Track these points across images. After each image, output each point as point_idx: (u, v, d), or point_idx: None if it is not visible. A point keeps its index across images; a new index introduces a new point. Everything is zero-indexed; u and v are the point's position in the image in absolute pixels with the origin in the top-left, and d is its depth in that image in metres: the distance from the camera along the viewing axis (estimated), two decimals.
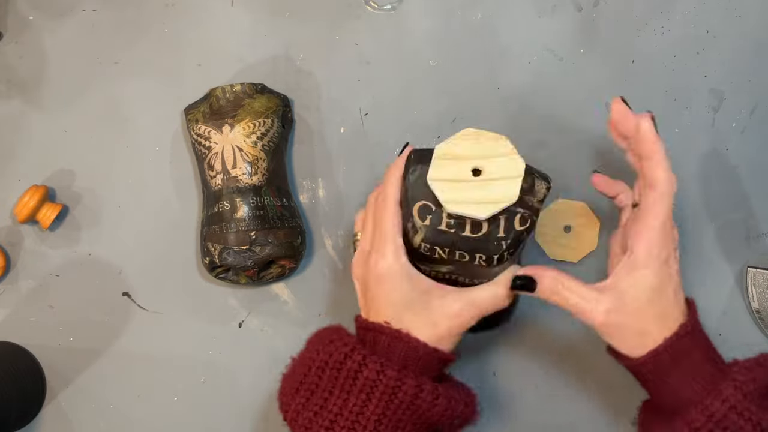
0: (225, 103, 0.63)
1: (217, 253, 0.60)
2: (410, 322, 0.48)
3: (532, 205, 0.49)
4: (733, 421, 0.43)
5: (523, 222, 0.49)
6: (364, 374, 0.45)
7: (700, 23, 0.68)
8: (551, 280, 0.48)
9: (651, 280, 0.47)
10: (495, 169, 0.49)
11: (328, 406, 0.46)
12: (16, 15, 0.69)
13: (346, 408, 0.45)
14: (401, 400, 0.45)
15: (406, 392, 0.45)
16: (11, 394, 0.59)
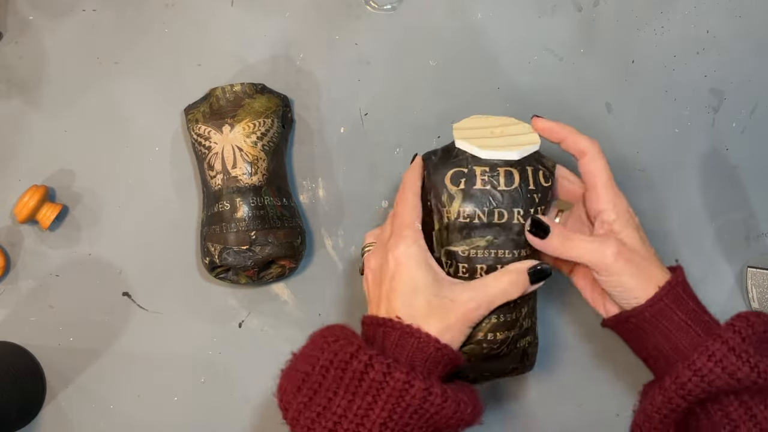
0: (225, 103, 0.63)
1: (217, 253, 0.60)
2: (421, 312, 0.47)
3: (548, 166, 0.52)
4: (732, 362, 0.44)
5: (546, 179, 0.51)
6: (371, 375, 0.44)
7: (700, 23, 0.68)
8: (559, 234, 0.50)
9: (625, 231, 0.50)
10: (510, 130, 0.52)
11: (331, 407, 0.44)
12: (16, 15, 0.69)
13: (351, 410, 0.44)
14: (408, 403, 0.44)
15: (414, 396, 0.44)
16: (11, 394, 0.59)
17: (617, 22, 0.68)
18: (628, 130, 0.67)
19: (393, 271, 0.49)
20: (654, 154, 0.66)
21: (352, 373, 0.44)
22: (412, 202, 0.51)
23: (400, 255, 0.49)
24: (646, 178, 0.66)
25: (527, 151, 0.51)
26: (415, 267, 0.48)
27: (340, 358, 0.45)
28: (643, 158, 0.66)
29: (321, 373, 0.45)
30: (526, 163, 0.51)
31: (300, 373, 0.47)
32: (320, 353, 0.46)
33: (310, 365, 0.46)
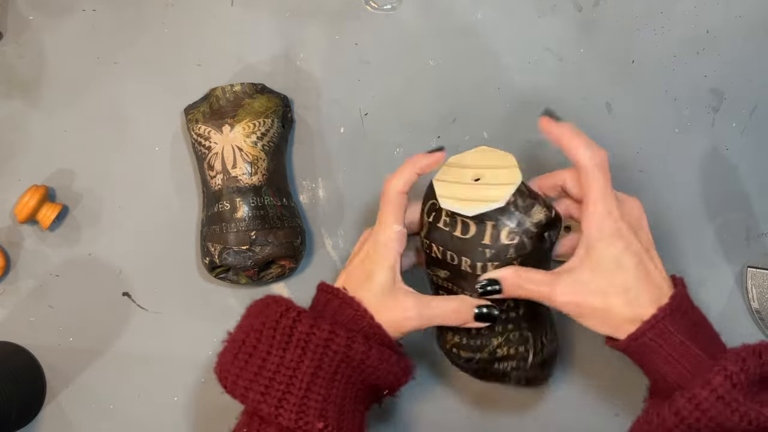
0: (225, 103, 0.63)
1: (217, 253, 0.60)
2: (368, 300, 0.50)
3: (524, 225, 0.49)
4: (720, 411, 0.43)
5: (511, 237, 0.49)
6: (299, 329, 0.47)
7: (700, 23, 0.68)
8: (513, 274, 0.50)
9: (605, 255, 0.47)
10: (493, 177, 0.51)
11: (266, 366, 0.47)
12: (16, 15, 0.69)
13: (283, 364, 0.46)
14: (335, 351, 0.46)
15: (339, 344, 0.46)
16: (11, 394, 0.59)
17: (617, 22, 0.68)
18: (628, 130, 0.67)
19: (362, 256, 0.52)
20: (654, 154, 0.66)
21: (282, 330, 0.47)
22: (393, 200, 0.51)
23: (371, 247, 0.51)
24: (646, 179, 0.66)
25: (484, 209, 0.49)
26: (378, 263, 0.50)
27: (271, 319, 0.48)
28: (643, 158, 0.66)
29: (255, 336, 0.48)
30: (486, 217, 0.50)
31: (236, 343, 0.49)
32: (254, 319, 0.49)
33: (245, 333, 0.49)
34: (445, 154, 0.52)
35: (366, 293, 0.50)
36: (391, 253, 0.51)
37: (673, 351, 0.46)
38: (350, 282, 0.51)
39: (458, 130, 0.67)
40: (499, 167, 0.52)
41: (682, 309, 0.48)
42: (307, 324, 0.47)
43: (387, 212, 0.51)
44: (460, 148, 0.66)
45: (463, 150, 0.66)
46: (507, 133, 0.67)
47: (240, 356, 0.48)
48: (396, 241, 0.51)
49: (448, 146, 0.66)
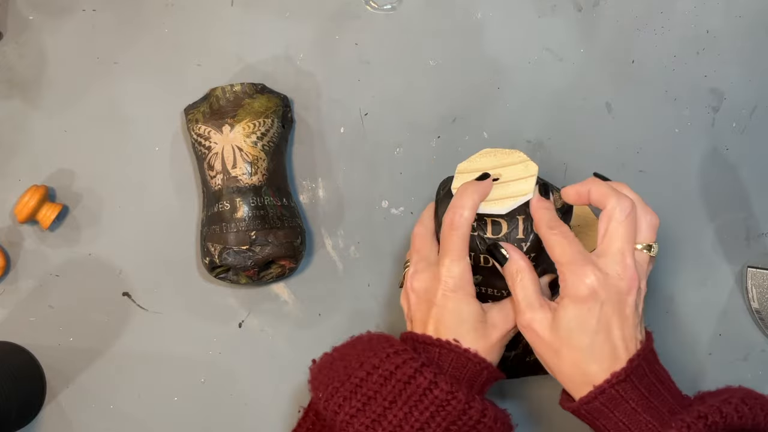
0: (225, 103, 0.63)
1: (217, 253, 0.60)
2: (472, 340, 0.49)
3: None
4: None
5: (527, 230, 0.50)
6: (434, 393, 0.45)
7: (700, 23, 0.68)
8: (516, 265, 0.49)
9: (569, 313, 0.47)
10: (510, 173, 0.51)
11: (387, 417, 0.45)
12: (16, 15, 0.69)
13: (408, 422, 0.45)
14: (465, 422, 0.46)
15: (471, 416, 0.46)
16: (11, 394, 0.59)
17: (617, 22, 0.68)
18: (628, 130, 0.67)
19: (441, 301, 0.49)
20: (654, 154, 0.66)
21: (414, 388, 0.45)
22: (464, 232, 0.50)
23: (451, 281, 0.49)
24: (646, 179, 0.66)
25: (516, 204, 0.50)
26: (463, 301, 0.49)
27: (403, 371, 0.46)
28: (643, 158, 0.66)
29: (379, 381, 0.46)
30: (516, 212, 0.50)
31: (353, 378, 0.47)
32: (378, 362, 0.47)
33: (366, 372, 0.47)
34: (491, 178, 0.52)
35: (468, 334, 0.49)
36: (469, 287, 0.50)
37: (624, 418, 0.46)
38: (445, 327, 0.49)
39: (458, 130, 0.67)
40: (513, 163, 0.52)
41: (639, 373, 0.46)
42: (444, 390, 0.45)
43: (460, 243, 0.49)
44: (460, 148, 0.67)
45: (463, 150, 0.66)
46: (507, 133, 0.67)
47: (358, 395, 0.46)
48: (470, 272, 0.50)
49: (448, 146, 0.67)
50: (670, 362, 0.54)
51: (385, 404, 0.46)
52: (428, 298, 0.50)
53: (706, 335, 0.64)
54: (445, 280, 0.49)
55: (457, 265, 0.49)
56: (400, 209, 0.66)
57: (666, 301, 0.65)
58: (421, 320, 0.51)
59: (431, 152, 0.67)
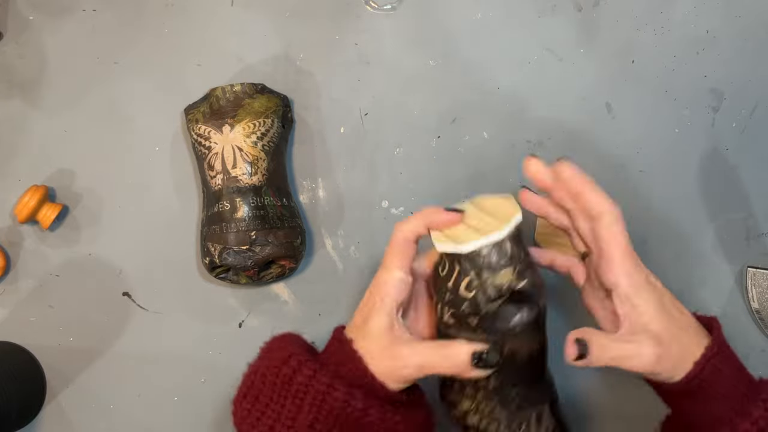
0: (225, 103, 0.63)
1: (217, 253, 0.60)
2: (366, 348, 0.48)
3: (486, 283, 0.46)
4: None
5: (469, 289, 0.46)
6: (298, 379, 0.46)
7: (700, 23, 0.68)
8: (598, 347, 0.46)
9: (650, 305, 0.47)
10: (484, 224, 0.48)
11: (267, 412, 0.47)
12: (16, 15, 0.69)
13: (283, 413, 0.46)
14: (331, 405, 0.45)
15: (336, 398, 0.45)
16: (11, 394, 0.59)
17: (617, 22, 0.68)
18: (628, 130, 0.67)
19: (366, 297, 0.50)
20: (654, 154, 0.66)
21: (282, 378, 0.47)
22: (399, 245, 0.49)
23: (372, 288, 0.49)
24: (646, 179, 0.66)
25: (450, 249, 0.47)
26: (376, 307, 0.48)
27: (274, 364, 0.47)
28: (643, 158, 0.66)
29: (261, 380, 0.48)
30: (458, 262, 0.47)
31: (246, 382, 0.49)
32: (261, 362, 0.49)
33: (254, 373, 0.49)
34: (461, 217, 0.49)
35: (363, 341, 0.48)
36: (388, 299, 0.48)
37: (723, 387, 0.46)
38: (352, 327, 0.50)
39: (458, 130, 0.67)
40: (493, 217, 0.48)
41: (724, 345, 0.48)
42: (305, 375, 0.46)
43: (390, 255, 0.49)
44: (460, 148, 0.67)
45: (463, 151, 0.67)
46: (507, 133, 0.67)
47: (248, 397, 0.48)
48: (395, 287, 0.48)
49: (448, 146, 0.67)
50: None
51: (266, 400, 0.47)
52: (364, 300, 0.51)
53: None
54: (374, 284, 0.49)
55: (383, 275, 0.49)
56: (400, 209, 0.66)
57: None
58: None
59: (431, 152, 0.67)
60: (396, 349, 0.47)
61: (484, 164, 0.66)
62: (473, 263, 0.46)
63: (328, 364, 0.48)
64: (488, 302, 0.46)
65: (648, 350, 0.46)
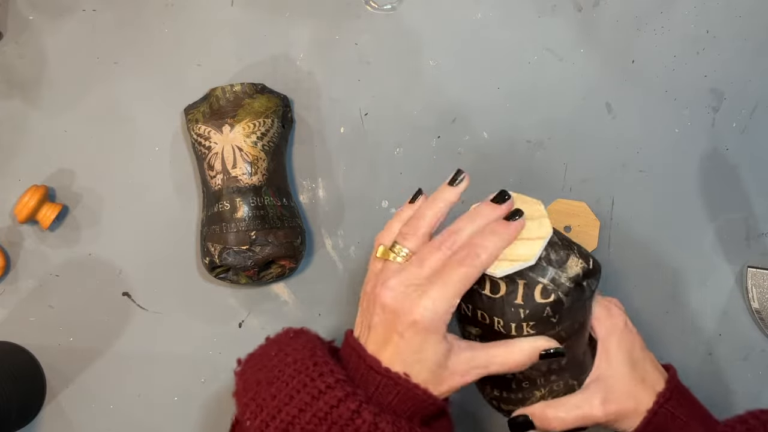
0: (225, 103, 0.63)
1: (217, 253, 0.60)
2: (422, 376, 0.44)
3: (559, 280, 0.45)
4: None
5: (546, 295, 0.45)
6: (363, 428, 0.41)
7: (700, 23, 0.68)
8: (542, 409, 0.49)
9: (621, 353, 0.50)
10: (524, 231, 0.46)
11: None
12: (16, 15, 0.69)
13: None
14: None
15: None
16: (11, 394, 0.59)
17: (617, 22, 0.68)
18: (628, 130, 0.67)
19: (409, 335, 0.43)
20: (654, 154, 0.66)
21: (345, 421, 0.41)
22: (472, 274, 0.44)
23: (425, 320, 0.43)
24: (646, 179, 0.66)
25: (512, 268, 0.45)
26: (430, 342, 0.43)
27: (339, 413, 0.41)
28: (643, 158, 0.66)
29: (313, 422, 0.41)
30: (519, 276, 0.45)
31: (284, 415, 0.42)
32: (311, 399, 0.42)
33: (297, 408, 0.42)
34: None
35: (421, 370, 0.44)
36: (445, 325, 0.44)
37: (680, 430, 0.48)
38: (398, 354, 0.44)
39: (458, 130, 0.67)
40: (528, 218, 0.46)
41: (681, 387, 0.51)
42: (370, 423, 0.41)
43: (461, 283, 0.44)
44: (460, 148, 0.67)
45: (463, 151, 0.66)
46: (507, 133, 0.67)
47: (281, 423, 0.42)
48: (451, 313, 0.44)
49: (448, 146, 0.67)
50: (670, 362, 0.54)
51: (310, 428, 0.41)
52: (394, 322, 0.44)
53: (706, 335, 0.64)
54: (423, 314, 0.43)
55: (445, 303, 0.43)
56: None
57: (666, 301, 0.65)
58: (378, 340, 0.45)
59: (431, 152, 0.67)
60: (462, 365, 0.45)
61: (484, 164, 0.66)
62: (539, 270, 0.45)
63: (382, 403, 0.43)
64: (568, 295, 0.46)
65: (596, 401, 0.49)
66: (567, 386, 0.50)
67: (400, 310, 0.43)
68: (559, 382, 0.50)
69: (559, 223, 0.65)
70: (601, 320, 0.51)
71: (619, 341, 0.50)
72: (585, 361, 0.51)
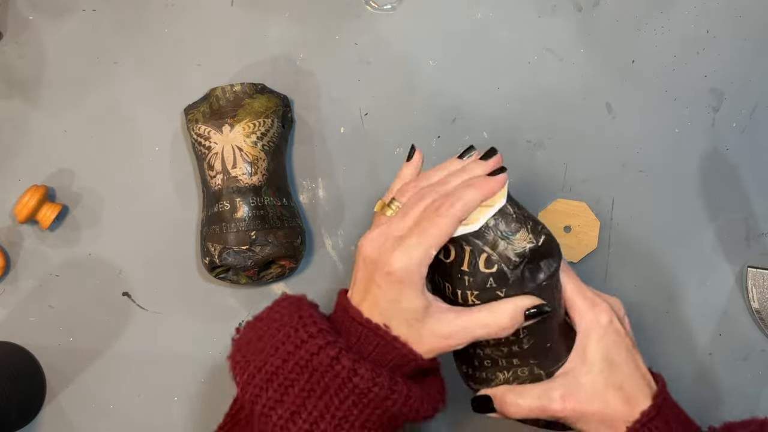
0: (225, 103, 0.63)
1: (217, 253, 0.60)
2: (404, 331, 0.45)
3: (505, 253, 0.45)
4: None
5: (489, 265, 0.45)
6: (354, 382, 0.43)
7: (700, 23, 0.68)
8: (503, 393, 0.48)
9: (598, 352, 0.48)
10: None
11: (307, 407, 0.43)
12: (16, 15, 0.69)
13: (329, 411, 0.43)
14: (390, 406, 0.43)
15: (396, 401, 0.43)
16: (11, 394, 0.59)
17: (617, 22, 0.68)
18: (628, 130, 0.67)
19: (387, 279, 0.44)
20: (654, 154, 0.66)
21: (333, 375, 0.43)
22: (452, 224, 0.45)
23: (399, 270, 0.44)
24: (646, 179, 0.66)
25: (458, 232, 0.44)
26: (406, 294, 0.44)
27: (319, 360, 0.43)
28: (643, 158, 0.66)
29: (295, 370, 0.43)
30: (466, 242, 0.45)
31: (269, 366, 0.44)
32: (294, 347, 0.43)
33: (281, 358, 0.43)
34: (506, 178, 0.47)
35: (401, 324, 0.45)
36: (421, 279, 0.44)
37: None
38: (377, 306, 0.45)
39: (458, 130, 0.67)
40: None
41: (669, 403, 0.48)
42: (367, 379, 0.42)
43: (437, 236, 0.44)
44: (460, 148, 0.66)
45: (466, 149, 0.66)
46: (507, 133, 0.67)
47: (275, 385, 0.43)
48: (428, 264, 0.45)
49: (448, 146, 0.67)
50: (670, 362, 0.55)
51: (304, 394, 0.43)
52: (372, 272, 0.45)
53: (706, 335, 0.64)
54: (397, 264, 0.43)
55: (419, 253, 0.43)
56: None
57: (666, 301, 0.65)
58: (360, 290, 0.46)
59: (431, 152, 0.67)
60: (442, 326, 0.45)
61: None
62: (485, 239, 0.45)
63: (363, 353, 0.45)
64: (514, 269, 0.45)
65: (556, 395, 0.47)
66: (533, 375, 0.49)
67: (378, 260, 0.44)
68: (523, 369, 0.49)
69: (560, 223, 0.65)
70: (582, 313, 0.48)
71: (599, 339, 0.48)
72: (554, 351, 0.49)
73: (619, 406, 0.47)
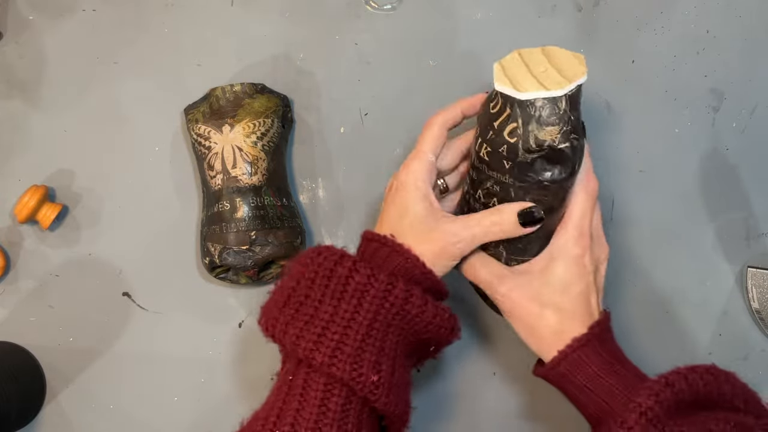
0: (225, 103, 0.63)
1: (217, 253, 0.60)
2: (411, 238, 0.48)
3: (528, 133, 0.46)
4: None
5: (512, 135, 0.46)
6: (356, 279, 0.45)
7: (700, 23, 0.68)
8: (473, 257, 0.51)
9: (559, 273, 0.49)
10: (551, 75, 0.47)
11: (318, 315, 0.45)
12: (16, 15, 0.69)
13: (338, 314, 0.45)
14: (392, 303, 0.45)
15: (396, 296, 0.45)
16: (11, 394, 0.59)
17: (617, 22, 0.68)
18: (628, 130, 0.67)
19: (393, 192, 0.51)
20: (654, 154, 0.66)
21: (337, 280, 0.45)
22: (434, 131, 0.52)
23: (402, 178, 0.51)
24: (646, 179, 0.66)
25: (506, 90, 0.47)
26: (412, 193, 0.50)
27: (324, 267, 0.46)
28: (643, 158, 0.66)
29: (307, 285, 0.46)
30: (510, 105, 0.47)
31: (285, 290, 0.47)
32: (305, 268, 0.47)
33: (294, 281, 0.47)
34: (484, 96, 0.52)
35: (408, 234, 0.48)
36: (422, 184, 0.50)
37: (588, 382, 0.47)
38: (388, 222, 0.50)
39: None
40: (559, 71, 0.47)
41: (601, 338, 0.49)
42: (364, 275, 0.45)
43: (424, 141, 0.51)
44: None
45: None
46: None
47: (290, 305, 0.46)
48: (429, 171, 0.51)
49: None
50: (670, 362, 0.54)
51: (315, 303, 0.46)
52: (388, 197, 0.52)
53: (706, 335, 0.64)
54: (402, 178, 0.51)
55: (416, 162, 0.50)
56: None
57: (666, 301, 0.65)
58: (379, 219, 0.52)
59: None
60: (444, 228, 0.49)
61: None
62: (524, 112, 0.46)
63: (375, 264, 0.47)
64: (526, 153, 0.46)
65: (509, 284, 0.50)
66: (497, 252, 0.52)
67: (392, 183, 0.52)
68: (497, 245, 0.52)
69: None
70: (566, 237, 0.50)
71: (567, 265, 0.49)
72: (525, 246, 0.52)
73: (553, 324, 0.49)
